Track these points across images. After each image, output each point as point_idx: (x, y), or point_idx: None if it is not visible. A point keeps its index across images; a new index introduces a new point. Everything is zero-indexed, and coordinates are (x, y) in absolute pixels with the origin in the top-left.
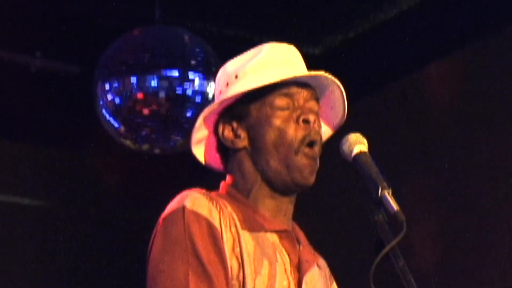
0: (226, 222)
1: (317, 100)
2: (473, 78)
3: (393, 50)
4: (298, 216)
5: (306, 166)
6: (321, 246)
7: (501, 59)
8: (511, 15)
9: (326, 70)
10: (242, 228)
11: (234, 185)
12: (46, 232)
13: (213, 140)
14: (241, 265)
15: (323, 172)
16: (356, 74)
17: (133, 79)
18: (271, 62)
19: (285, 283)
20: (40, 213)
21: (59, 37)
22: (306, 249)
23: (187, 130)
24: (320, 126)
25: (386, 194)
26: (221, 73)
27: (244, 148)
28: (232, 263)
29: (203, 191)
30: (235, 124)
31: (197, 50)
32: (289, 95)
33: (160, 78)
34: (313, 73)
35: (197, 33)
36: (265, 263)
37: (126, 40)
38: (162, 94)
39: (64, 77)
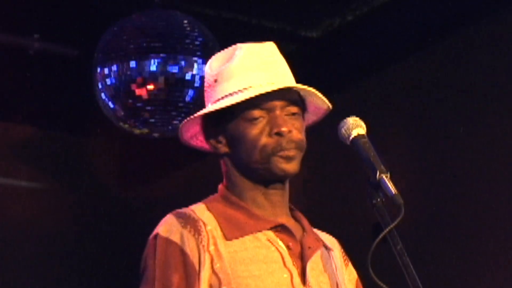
0: (204, 242)
1: (295, 102)
2: (475, 58)
3: (391, 34)
4: (295, 201)
5: (280, 163)
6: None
7: (501, 42)
8: None
9: (324, 53)
10: (228, 239)
11: (228, 186)
12: (44, 214)
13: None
14: (222, 279)
15: (321, 155)
16: (354, 57)
17: (132, 63)
18: (245, 69)
19: (285, 276)
20: (37, 196)
21: (57, 20)
22: (309, 236)
23: (186, 113)
24: (299, 127)
25: (384, 177)
26: (207, 69)
27: (226, 153)
28: (211, 281)
29: (184, 212)
30: (217, 130)
31: (196, 34)
32: (263, 106)
33: (159, 62)
34: (281, 86)
35: (195, 17)
36: (258, 265)
37: (125, 24)
38: (161, 78)
39: (62, 59)
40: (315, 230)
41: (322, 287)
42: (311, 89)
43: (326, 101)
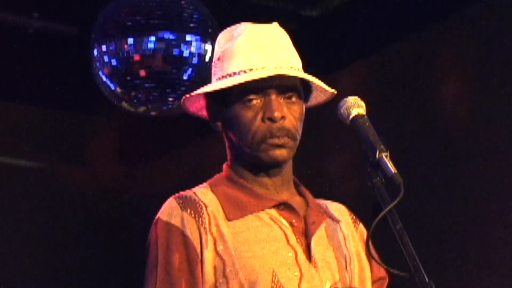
0: (205, 224)
1: (293, 87)
2: (475, 38)
3: (391, 12)
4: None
5: (270, 150)
6: None
7: (498, 22)
8: None
9: (324, 32)
10: (230, 219)
11: (232, 166)
12: (42, 194)
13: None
14: (226, 261)
15: (321, 134)
16: (354, 36)
17: (130, 41)
18: (247, 50)
19: (290, 254)
20: (36, 175)
21: None
22: (313, 211)
23: (184, 92)
24: (295, 114)
25: (384, 157)
26: (216, 44)
27: (225, 133)
28: (215, 263)
29: (185, 194)
30: (217, 109)
31: (194, 11)
32: (260, 90)
33: (157, 40)
34: (278, 72)
35: None
36: (261, 245)
37: (123, 2)
38: (159, 56)
39: (61, 38)
40: (322, 201)
41: (328, 261)
42: (311, 78)
43: (328, 88)
